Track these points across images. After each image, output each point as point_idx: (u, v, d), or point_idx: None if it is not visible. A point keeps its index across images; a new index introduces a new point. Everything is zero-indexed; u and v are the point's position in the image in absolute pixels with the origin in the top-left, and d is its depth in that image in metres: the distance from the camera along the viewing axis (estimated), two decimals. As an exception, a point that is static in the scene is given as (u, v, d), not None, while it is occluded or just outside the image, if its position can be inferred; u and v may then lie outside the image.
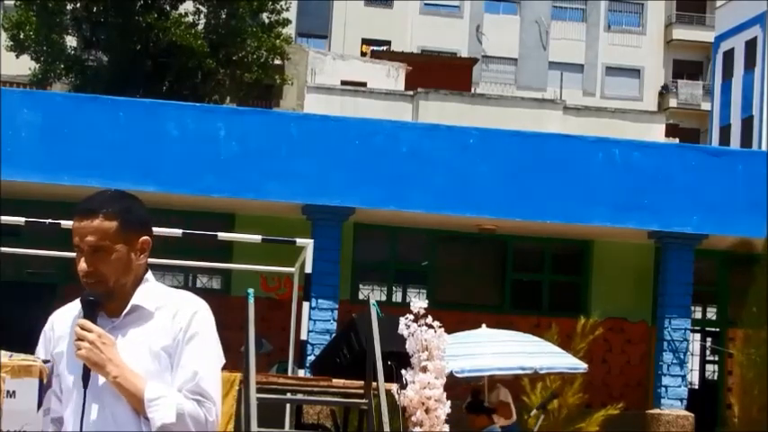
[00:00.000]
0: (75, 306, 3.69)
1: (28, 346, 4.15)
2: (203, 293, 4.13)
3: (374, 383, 10.48)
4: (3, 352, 3.52)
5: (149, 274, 3.68)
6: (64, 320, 3.68)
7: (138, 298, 3.61)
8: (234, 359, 8.99)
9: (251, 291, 12.11)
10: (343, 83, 42.55)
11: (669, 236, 19.93)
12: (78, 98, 20.93)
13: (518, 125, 31.21)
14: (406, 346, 9.75)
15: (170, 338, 3.57)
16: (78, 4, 33.14)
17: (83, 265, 3.56)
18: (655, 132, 40.36)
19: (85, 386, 3.51)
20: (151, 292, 3.64)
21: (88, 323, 3.52)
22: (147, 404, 3.46)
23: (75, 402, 3.56)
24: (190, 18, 33.98)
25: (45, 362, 3.49)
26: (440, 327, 9.75)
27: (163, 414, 3.45)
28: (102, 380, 3.51)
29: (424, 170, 19.22)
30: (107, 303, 3.59)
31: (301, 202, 19.10)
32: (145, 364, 3.52)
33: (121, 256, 3.58)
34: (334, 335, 17.13)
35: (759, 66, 48.91)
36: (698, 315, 22.59)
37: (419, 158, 19.27)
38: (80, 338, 3.50)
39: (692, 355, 21.93)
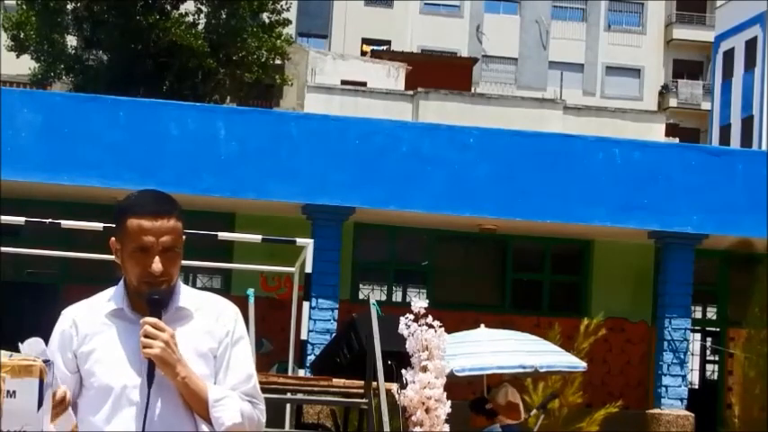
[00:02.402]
0: (94, 304, 3.68)
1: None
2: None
3: (374, 383, 10.49)
4: (3, 352, 3.52)
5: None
6: (89, 318, 3.66)
7: (180, 299, 3.64)
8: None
9: (251, 291, 12.13)
10: (344, 82, 42.56)
11: (669, 236, 19.94)
12: (78, 98, 20.93)
13: (518, 125, 31.23)
14: (406, 346, 9.75)
15: (216, 341, 3.61)
16: (79, 4, 33.12)
17: (158, 265, 3.56)
18: (655, 132, 40.38)
19: (150, 385, 3.51)
20: (188, 294, 3.67)
21: (161, 323, 3.53)
22: (213, 404, 3.50)
23: (117, 403, 3.55)
24: (190, 18, 33.98)
25: (45, 362, 3.49)
26: (440, 326, 9.75)
27: (231, 414, 3.51)
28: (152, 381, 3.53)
29: (424, 170, 19.23)
30: (143, 302, 3.60)
31: (301, 202, 19.11)
32: (195, 365, 3.55)
33: (181, 255, 3.64)
34: (334, 335, 17.14)
35: (759, 65, 48.91)
36: (698, 315, 22.59)
37: (419, 158, 19.28)
38: (150, 336, 3.50)
39: (692, 354, 21.94)
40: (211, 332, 3.61)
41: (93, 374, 3.60)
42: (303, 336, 13.58)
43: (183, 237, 3.69)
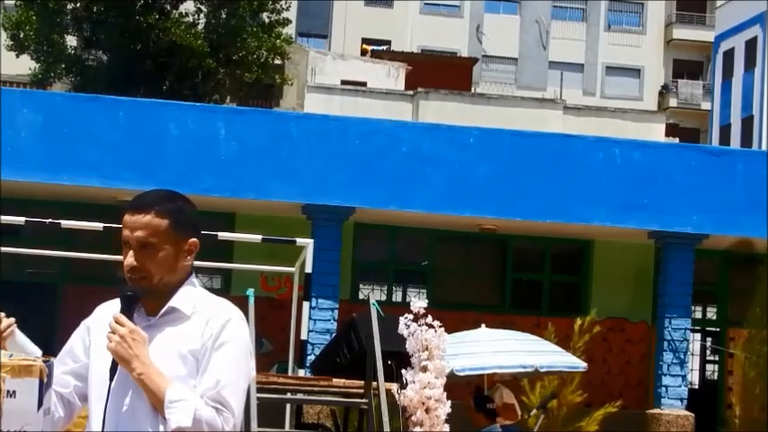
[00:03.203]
0: (118, 302, 3.72)
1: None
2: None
3: (374, 383, 10.49)
4: (3, 352, 3.53)
5: (193, 278, 3.71)
6: (106, 313, 3.71)
7: (176, 300, 3.63)
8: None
9: (251, 291, 12.11)
10: (343, 82, 42.55)
11: (669, 236, 19.93)
12: (78, 98, 20.92)
13: (518, 125, 31.22)
14: (406, 346, 9.75)
15: (199, 343, 3.58)
16: (79, 4, 33.12)
17: (129, 259, 3.59)
18: (655, 132, 40.37)
19: (111, 378, 3.54)
20: (190, 296, 3.66)
21: (122, 317, 3.54)
22: (167, 405, 3.48)
23: (99, 393, 3.59)
24: (190, 18, 33.97)
25: (45, 362, 3.49)
26: (440, 326, 9.75)
27: (179, 417, 3.47)
28: (126, 375, 3.54)
29: (424, 170, 19.22)
30: (146, 300, 3.62)
31: (301, 202, 19.10)
32: (172, 366, 3.55)
33: (168, 255, 3.61)
34: (334, 335, 17.13)
35: (759, 65, 48.90)
36: (698, 315, 22.58)
37: (419, 158, 19.27)
38: (112, 331, 3.53)
39: (692, 355, 21.93)
40: (198, 334, 3.59)
41: (90, 365, 3.68)
42: (303, 336, 13.58)
43: (194, 241, 3.67)
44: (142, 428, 3.52)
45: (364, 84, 42.34)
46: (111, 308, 3.71)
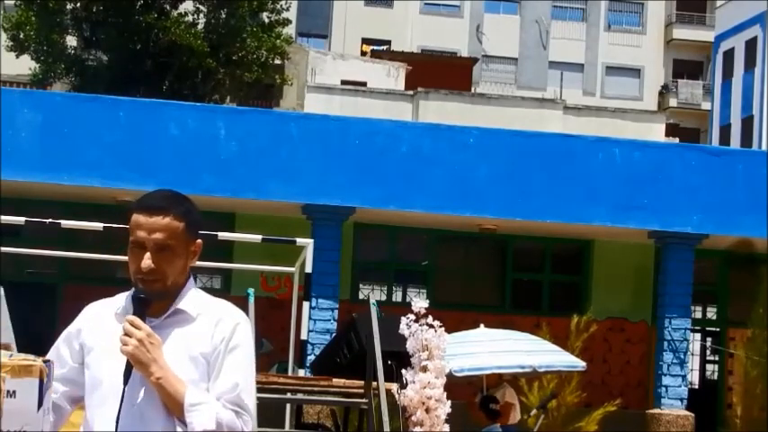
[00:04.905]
0: (111, 302, 3.71)
1: (28, 345, 4.15)
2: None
3: (374, 383, 10.49)
4: (3, 352, 3.52)
5: (192, 279, 3.71)
6: (99, 314, 3.69)
7: (182, 302, 3.63)
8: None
9: (251, 291, 12.12)
10: (344, 82, 42.55)
11: (669, 236, 19.94)
12: (78, 98, 20.92)
13: (518, 125, 31.22)
14: (407, 346, 9.75)
15: (210, 346, 3.57)
16: (78, 4, 33.12)
17: (147, 261, 3.55)
18: (655, 132, 40.37)
19: (126, 382, 3.51)
20: (194, 298, 3.66)
21: (138, 320, 3.52)
22: (188, 409, 3.47)
23: (105, 396, 3.57)
24: (190, 18, 33.97)
25: (45, 362, 3.49)
26: (440, 326, 9.75)
27: (203, 420, 3.46)
28: (136, 378, 3.52)
29: (424, 170, 19.23)
30: (156, 303, 3.60)
31: (301, 202, 19.11)
32: (184, 369, 3.54)
33: (182, 257, 3.61)
34: (334, 335, 17.13)
35: (759, 65, 48.90)
36: (698, 315, 22.59)
37: (419, 158, 19.28)
38: (128, 334, 3.50)
39: (692, 354, 21.94)
40: (207, 337, 3.59)
41: (89, 366, 3.65)
42: (303, 336, 13.58)
43: (200, 242, 3.67)
44: (151, 429, 3.52)
45: (364, 84, 42.34)
46: (104, 308, 3.70)
